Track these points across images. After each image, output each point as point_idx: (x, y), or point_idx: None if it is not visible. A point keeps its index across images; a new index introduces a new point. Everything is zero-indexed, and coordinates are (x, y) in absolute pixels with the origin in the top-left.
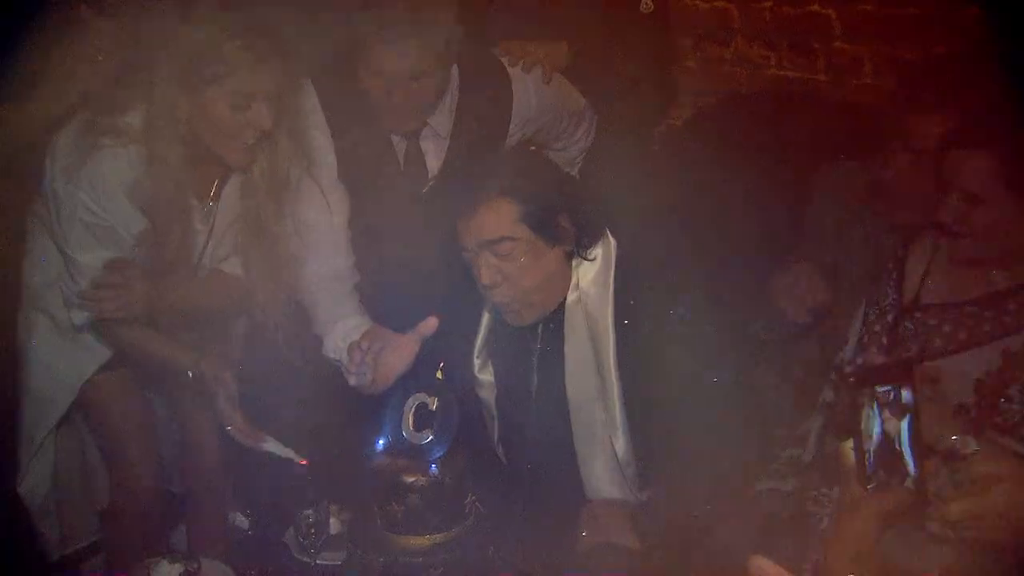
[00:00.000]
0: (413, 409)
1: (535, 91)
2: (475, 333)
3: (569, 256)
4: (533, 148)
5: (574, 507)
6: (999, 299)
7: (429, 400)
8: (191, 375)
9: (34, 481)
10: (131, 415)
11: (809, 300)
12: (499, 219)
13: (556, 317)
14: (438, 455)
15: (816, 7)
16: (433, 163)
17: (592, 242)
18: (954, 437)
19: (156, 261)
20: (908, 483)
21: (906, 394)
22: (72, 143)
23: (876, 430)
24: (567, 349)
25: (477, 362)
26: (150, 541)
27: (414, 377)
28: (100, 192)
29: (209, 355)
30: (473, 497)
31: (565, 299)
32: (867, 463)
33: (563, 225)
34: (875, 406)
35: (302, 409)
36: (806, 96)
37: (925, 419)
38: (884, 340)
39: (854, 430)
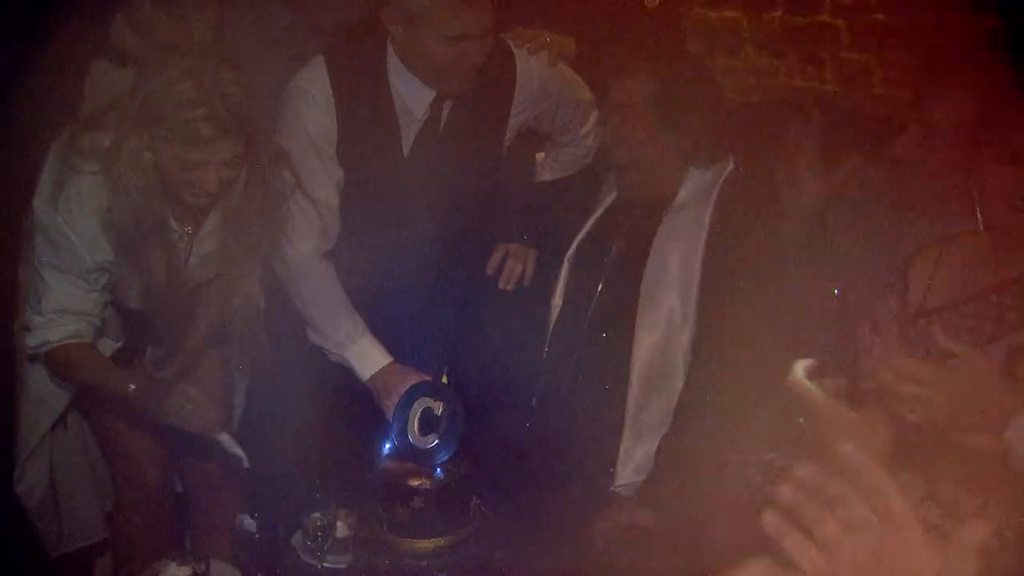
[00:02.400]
0: (419, 413)
1: (538, 71)
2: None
3: (685, 154)
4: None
5: (594, 491)
6: (1000, 292)
7: (434, 404)
8: (132, 389)
9: (31, 481)
10: (130, 411)
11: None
12: (632, 90)
13: (647, 222)
14: (443, 459)
15: (825, 16)
16: (437, 140)
17: (710, 151)
18: None
19: (150, 284)
20: None
21: None
22: (57, 163)
23: None
24: (656, 242)
25: (566, 267)
26: (158, 542)
27: (420, 382)
28: (76, 216)
29: (136, 370)
30: (478, 501)
31: (670, 204)
32: None
33: (687, 119)
34: None
35: (308, 414)
36: (815, 104)
37: None
38: (888, 350)
39: None
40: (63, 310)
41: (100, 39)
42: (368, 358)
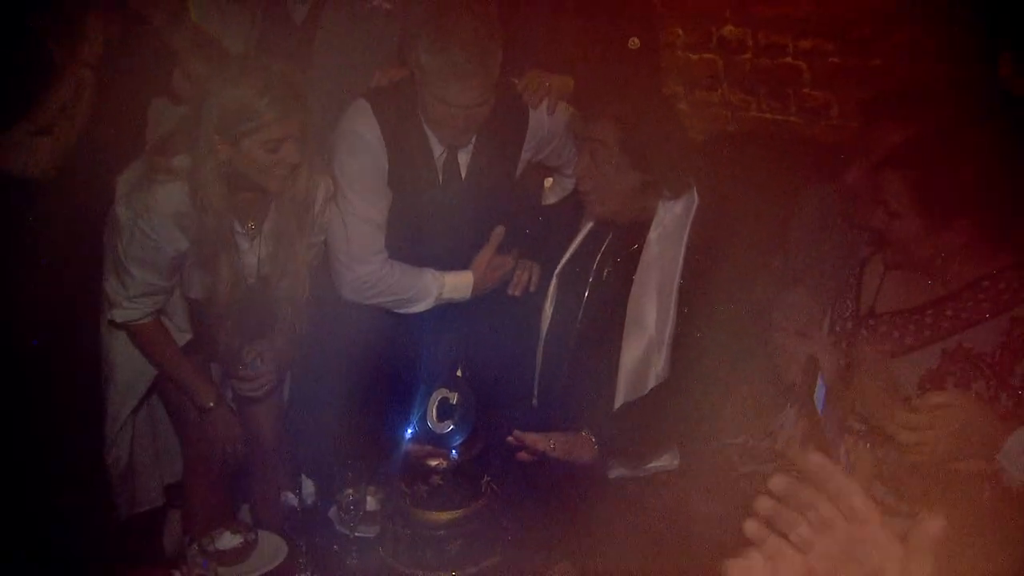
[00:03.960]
0: (436, 403)
1: (548, 119)
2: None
3: (649, 186)
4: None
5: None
6: (938, 306)
7: (450, 395)
8: (211, 406)
9: (117, 453)
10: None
11: (804, 319)
12: (607, 131)
13: (632, 253)
14: (458, 442)
15: (789, 59)
16: (463, 171)
17: (674, 186)
18: None
19: (213, 287)
20: None
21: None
22: (134, 178)
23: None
24: (638, 272)
25: (555, 281)
26: (218, 513)
27: (437, 375)
28: (154, 217)
29: (222, 402)
30: (488, 478)
31: (646, 237)
32: None
33: (654, 159)
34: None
35: (343, 407)
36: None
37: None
38: (844, 344)
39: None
40: (144, 295)
41: (158, 82)
42: (461, 286)
